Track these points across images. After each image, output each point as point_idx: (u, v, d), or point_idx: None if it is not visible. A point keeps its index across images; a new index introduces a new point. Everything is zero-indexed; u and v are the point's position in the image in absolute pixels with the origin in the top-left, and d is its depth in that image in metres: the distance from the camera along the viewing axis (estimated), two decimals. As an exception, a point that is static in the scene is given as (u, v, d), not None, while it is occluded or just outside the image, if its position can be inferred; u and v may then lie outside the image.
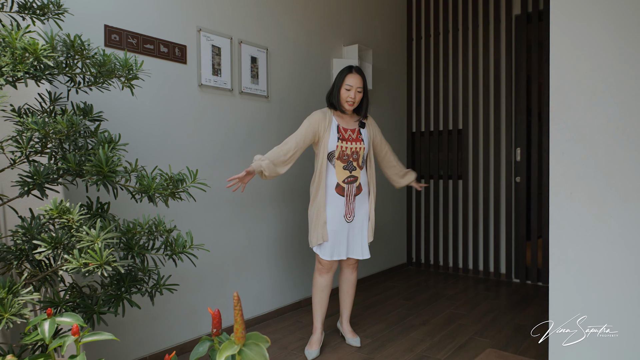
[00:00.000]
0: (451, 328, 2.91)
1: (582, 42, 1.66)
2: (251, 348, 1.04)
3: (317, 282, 2.58)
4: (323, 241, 2.50)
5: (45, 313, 1.32)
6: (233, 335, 1.05)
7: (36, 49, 1.34)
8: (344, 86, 2.53)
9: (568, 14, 1.68)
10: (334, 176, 2.54)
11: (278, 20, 3.17)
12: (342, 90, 2.54)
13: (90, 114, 1.68)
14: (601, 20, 1.62)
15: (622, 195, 1.59)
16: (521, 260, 4.05)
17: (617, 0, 1.59)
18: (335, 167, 2.54)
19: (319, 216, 2.51)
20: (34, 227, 1.45)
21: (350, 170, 2.56)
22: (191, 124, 2.61)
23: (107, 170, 1.40)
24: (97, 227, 1.31)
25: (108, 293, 1.61)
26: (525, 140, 4.01)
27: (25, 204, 1.80)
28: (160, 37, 2.44)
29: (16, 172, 1.80)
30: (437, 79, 4.53)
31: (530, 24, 3.97)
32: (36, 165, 1.45)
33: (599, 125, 1.63)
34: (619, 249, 1.60)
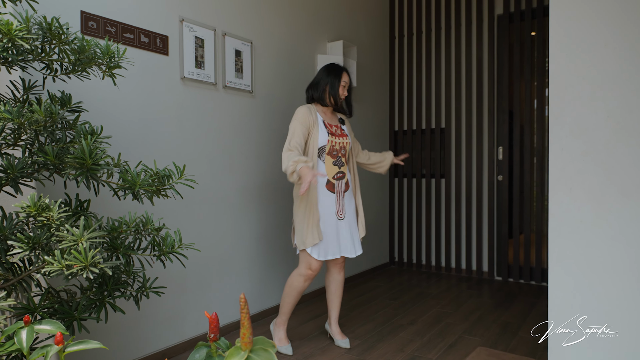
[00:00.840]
0: (439, 327, 2.88)
1: (581, 37, 1.64)
2: (259, 354, 0.95)
3: (300, 286, 2.49)
4: (319, 241, 2.41)
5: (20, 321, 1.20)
6: (239, 341, 0.96)
7: (10, 30, 1.21)
8: (342, 83, 2.58)
9: (568, 8, 1.66)
10: (324, 172, 2.49)
11: (263, 13, 3.08)
12: (340, 88, 2.57)
13: (68, 104, 1.55)
14: (601, 14, 1.61)
15: (622, 191, 1.58)
16: (503, 258, 4.07)
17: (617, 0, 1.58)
18: (325, 163, 2.49)
19: (312, 215, 2.42)
20: (7, 226, 1.32)
21: (339, 165, 2.51)
22: (173, 118, 2.49)
23: (91, 163, 1.28)
24: (81, 226, 1.19)
25: (89, 297, 1.49)
26: (507, 139, 4.04)
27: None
28: (140, 26, 2.32)
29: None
30: (420, 77, 4.52)
31: (513, 23, 4.00)
32: (9, 159, 1.32)
33: (599, 120, 1.62)
34: (619, 245, 1.59)
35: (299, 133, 2.41)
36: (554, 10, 1.69)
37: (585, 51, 1.64)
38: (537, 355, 2.42)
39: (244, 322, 0.96)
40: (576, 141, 1.66)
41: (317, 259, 2.43)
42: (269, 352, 0.96)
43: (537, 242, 3.93)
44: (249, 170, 2.96)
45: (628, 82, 1.57)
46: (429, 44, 4.46)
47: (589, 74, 1.63)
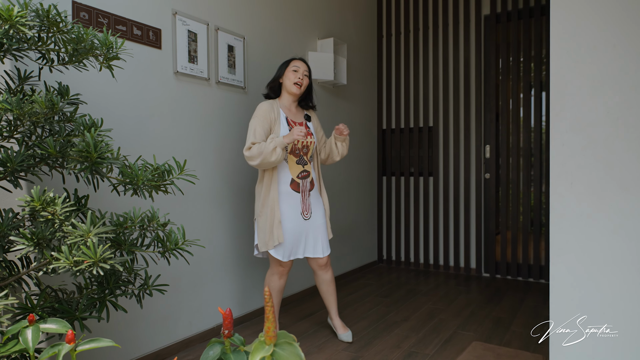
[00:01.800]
0: (433, 323, 2.90)
1: (582, 34, 1.67)
2: (284, 348, 0.93)
3: (276, 285, 2.47)
4: (279, 242, 2.34)
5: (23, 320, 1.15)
6: (263, 335, 0.94)
7: (11, 15, 1.16)
8: (291, 67, 2.49)
9: (568, 6, 1.69)
10: (287, 172, 2.43)
11: (256, 8, 3.04)
12: (289, 72, 2.48)
13: (67, 96, 1.50)
14: (602, 13, 1.64)
15: (622, 185, 1.61)
16: (491, 255, 4.13)
17: None
18: (288, 162, 2.43)
19: (273, 215, 2.35)
20: (5, 222, 1.26)
21: (303, 164, 2.47)
22: (166, 113, 2.43)
23: (96, 156, 1.24)
24: (88, 221, 1.14)
25: (89, 296, 1.44)
26: (494, 137, 4.10)
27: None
28: (133, 18, 2.26)
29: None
30: (408, 76, 4.55)
31: (499, 24, 4.07)
32: (7, 152, 1.26)
33: (599, 116, 1.65)
34: (618, 238, 1.62)
35: (260, 131, 2.32)
36: (554, 9, 1.72)
37: (585, 48, 1.67)
38: (530, 349, 2.46)
39: (268, 315, 0.94)
40: (576, 137, 1.69)
41: (283, 260, 2.39)
42: (293, 345, 0.94)
43: (523, 239, 4.00)
44: (240, 167, 2.92)
45: (627, 79, 1.60)
46: (416, 43, 4.49)
47: (589, 71, 1.66)
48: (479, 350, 2.45)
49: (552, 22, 1.72)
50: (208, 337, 2.66)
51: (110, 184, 1.53)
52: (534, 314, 3.05)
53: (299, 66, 2.48)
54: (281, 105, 2.50)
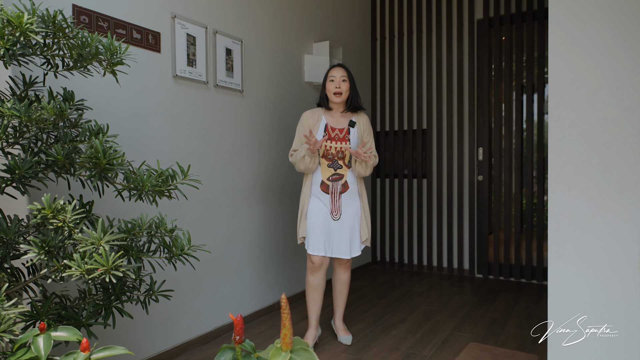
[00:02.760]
0: (430, 324, 2.93)
1: (581, 41, 1.71)
2: (300, 354, 0.95)
3: (309, 280, 2.56)
4: (302, 237, 2.53)
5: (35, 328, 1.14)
6: (279, 341, 0.95)
7: (22, 22, 1.15)
8: (328, 79, 2.57)
9: (568, 12, 1.73)
10: (319, 174, 2.55)
11: (253, 11, 3.05)
12: (327, 84, 2.56)
13: (72, 102, 1.49)
14: (600, 19, 1.68)
15: (619, 190, 1.65)
16: (484, 256, 4.19)
17: (615, 5, 1.66)
18: (321, 165, 2.53)
19: (302, 211, 2.56)
20: (13, 229, 1.26)
21: (335, 168, 2.52)
22: (165, 117, 2.43)
23: (105, 163, 1.24)
24: (99, 229, 1.15)
25: (95, 303, 1.44)
26: (487, 140, 4.16)
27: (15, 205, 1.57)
28: (132, 21, 2.25)
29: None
30: (402, 79, 4.58)
31: (492, 27, 4.12)
32: (15, 159, 1.25)
33: (597, 122, 1.69)
34: (615, 241, 1.66)
35: (297, 139, 2.56)
36: (553, 17, 1.75)
37: (583, 55, 1.71)
38: (526, 349, 2.51)
39: (285, 322, 0.95)
40: (575, 142, 1.73)
41: (310, 253, 2.50)
42: (309, 351, 0.95)
43: (516, 241, 4.06)
44: (238, 170, 2.92)
45: (624, 86, 1.65)
46: (410, 46, 4.53)
47: (587, 78, 1.70)
48: (476, 351, 2.49)
49: (550, 31, 1.76)
50: (207, 340, 2.66)
51: (115, 189, 1.53)
52: (528, 314, 3.10)
53: (335, 75, 2.54)
54: (327, 112, 2.60)
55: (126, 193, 2.07)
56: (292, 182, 3.45)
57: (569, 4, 1.72)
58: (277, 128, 3.29)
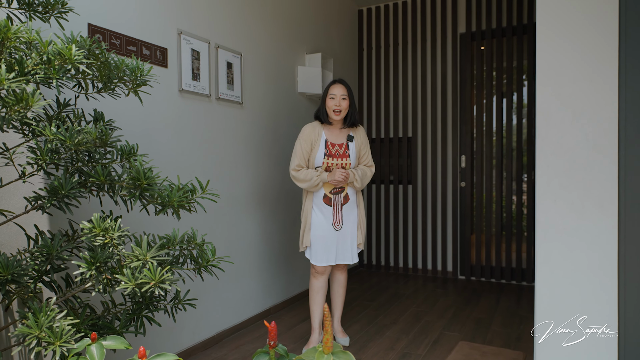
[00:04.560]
0: (420, 325, 3.10)
1: (564, 70, 1.90)
2: (339, 356, 1.08)
3: (312, 284, 2.68)
4: (305, 246, 2.65)
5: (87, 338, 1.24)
6: (321, 345, 1.08)
7: (71, 55, 1.24)
8: (328, 96, 2.65)
9: (553, 44, 1.92)
10: (321, 187, 2.64)
11: (250, 26, 3.16)
12: (327, 100, 2.64)
13: (102, 122, 1.58)
14: (582, 50, 1.87)
15: (598, 204, 1.85)
16: (466, 259, 4.40)
17: (594, 38, 1.85)
18: None
19: (305, 222, 2.66)
20: (56, 245, 1.34)
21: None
22: (171, 130, 2.51)
23: (145, 183, 1.34)
24: (144, 245, 1.25)
25: (127, 312, 1.53)
26: (470, 148, 4.38)
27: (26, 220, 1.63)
28: (142, 38, 2.33)
29: (15, 186, 1.63)
30: (388, 89, 4.76)
31: (475, 41, 4.34)
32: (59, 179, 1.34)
33: (579, 142, 1.88)
34: (596, 248, 1.86)
35: (299, 153, 2.62)
36: (541, 46, 1.94)
37: (567, 83, 1.90)
38: (511, 347, 2.70)
39: (327, 329, 1.08)
40: (559, 160, 1.92)
41: (314, 264, 2.62)
42: (347, 354, 1.08)
43: (496, 244, 4.29)
44: (237, 180, 3.03)
45: (603, 111, 1.84)
46: (396, 57, 4.72)
47: (570, 102, 1.89)
48: (466, 349, 2.67)
49: (538, 61, 1.94)
50: (209, 345, 2.75)
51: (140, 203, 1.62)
52: (510, 314, 3.32)
53: (335, 93, 2.60)
54: (326, 127, 2.68)
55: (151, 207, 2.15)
56: (286, 190, 3.57)
57: (554, 38, 1.91)
58: (272, 138, 3.40)
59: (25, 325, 1.10)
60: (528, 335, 2.88)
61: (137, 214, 2.23)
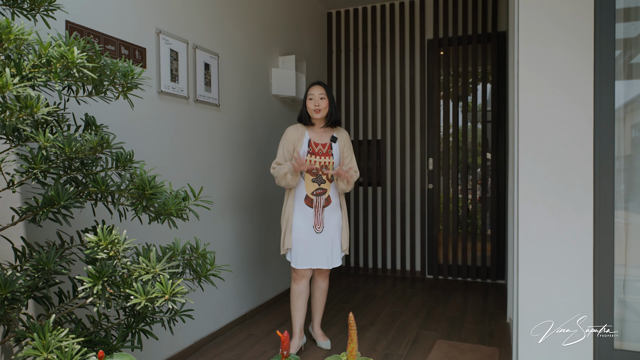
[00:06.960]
0: (397, 325, 3.17)
1: (544, 83, 2.01)
2: (363, 367, 1.09)
3: (293, 289, 2.69)
4: (287, 248, 2.64)
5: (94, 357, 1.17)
6: (346, 354, 1.09)
7: (73, 58, 1.17)
8: (308, 97, 2.69)
9: (533, 58, 2.02)
10: (303, 188, 2.64)
11: (227, 27, 3.10)
12: (307, 102, 2.68)
13: (94, 127, 1.50)
14: (559, 64, 1.99)
15: (576, 207, 1.97)
16: (434, 258, 4.54)
17: (571, 53, 1.97)
18: (305, 180, 2.63)
19: (286, 225, 2.65)
20: (52, 258, 1.26)
21: (319, 183, 2.65)
22: (150, 132, 2.42)
23: (150, 193, 1.29)
24: (153, 257, 1.20)
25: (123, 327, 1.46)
26: (437, 151, 4.51)
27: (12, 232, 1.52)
28: (120, 37, 2.23)
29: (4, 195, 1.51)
30: (357, 92, 4.82)
31: (441, 47, 4.48)
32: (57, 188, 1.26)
33: (558, 149, 1.99)
34: (573, 249, 1.98)
35: (280, 152, 2.65)
36: (522, 61, 2.04)
37: (546, 94, 2.01)
38: (486, 343, 2.82)
39: (352, 337, 1.09)
40: (539, 166, 2.02)
41: (295, 267, 2.62)
42: (371, 363, 1.10)
43: (463, 244, 4.45)
44: (213, 183, 2.96)
45: (579, 121, 1.97)
46: (365, 61, 4.78)
47: (550, 112, 2.00)
48: (444, 347, 2.75)
49: (520, 73, 2.04)
50: (188, 354, 2.68)
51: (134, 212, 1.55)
52: (480, 311, 3.46)
53: (313, 93, 2.65)
54: (309, 128, 2.71)
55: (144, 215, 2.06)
56: (261, 193, 3.53)
57: (536, 52, 2.01)
58: (247, 140, 3.36)
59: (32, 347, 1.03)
60: (500, 332, 3.02)
61: (126, 222, 2.13)
